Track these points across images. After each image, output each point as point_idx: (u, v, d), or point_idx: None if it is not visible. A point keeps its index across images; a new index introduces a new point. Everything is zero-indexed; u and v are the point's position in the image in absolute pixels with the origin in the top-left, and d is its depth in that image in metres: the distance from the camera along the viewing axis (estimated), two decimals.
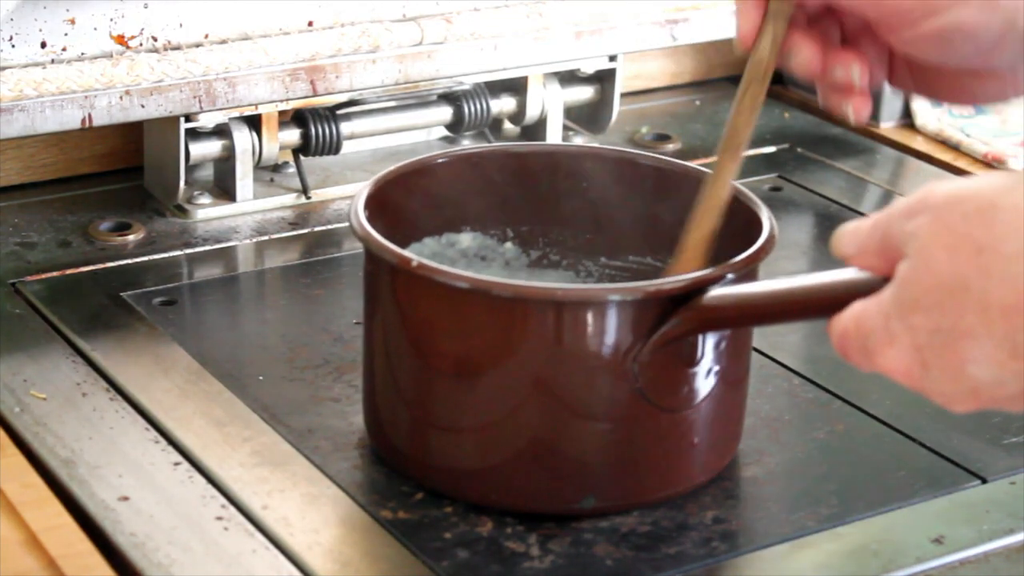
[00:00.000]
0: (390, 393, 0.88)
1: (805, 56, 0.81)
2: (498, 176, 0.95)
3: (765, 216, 0.88)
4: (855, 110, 0.82)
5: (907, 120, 1.40)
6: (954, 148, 1.35)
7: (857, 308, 0.71)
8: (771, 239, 0.86)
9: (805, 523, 0.87)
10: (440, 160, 0.94)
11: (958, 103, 0.86)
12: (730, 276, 0.83)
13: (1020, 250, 0.64)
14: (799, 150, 1.35)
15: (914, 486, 0.91)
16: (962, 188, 0.67)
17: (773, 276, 1.13)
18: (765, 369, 1.01)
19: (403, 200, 0.92)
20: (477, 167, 0.94)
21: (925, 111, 1.38)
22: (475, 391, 0.84)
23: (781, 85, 1.47)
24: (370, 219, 0.86)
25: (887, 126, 1.39)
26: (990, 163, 1.32)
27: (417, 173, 0.93)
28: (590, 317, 0.82)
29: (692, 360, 0.85)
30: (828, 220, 1.24)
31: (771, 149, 1.35)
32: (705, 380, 0.86)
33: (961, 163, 1.33)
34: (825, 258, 1.19)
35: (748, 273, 0.85)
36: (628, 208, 0.95)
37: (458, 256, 0.95)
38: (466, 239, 0.95)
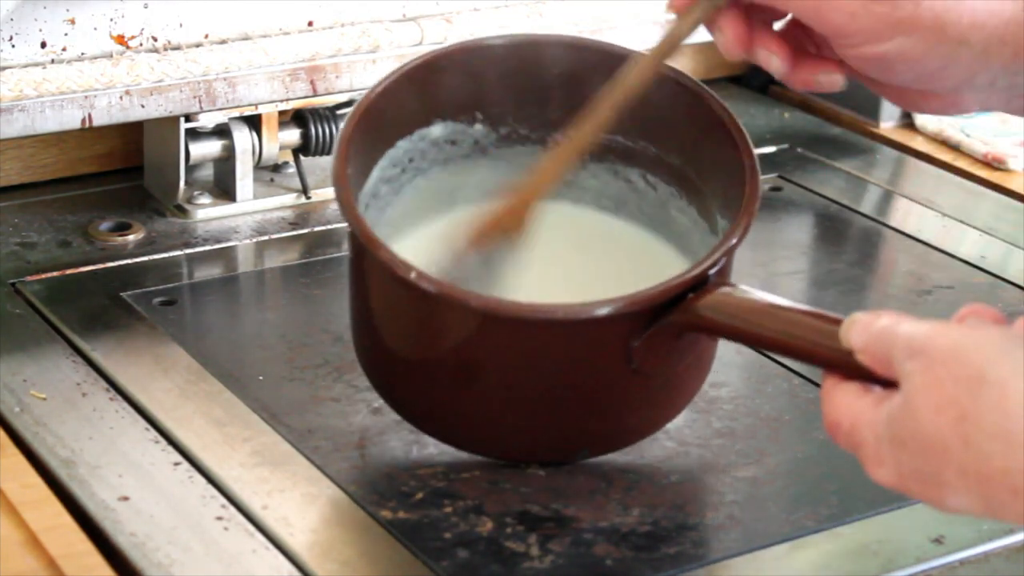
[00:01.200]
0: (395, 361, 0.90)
1: (729, 37, 0.83)
2: (469, 71, 0.94)
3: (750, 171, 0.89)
4: (824, 83, 0.84)
5: (907, 120, 1.40)
6: (954, 148, 1.35)
7: (854, 408, 0.72)
8: (745, 229, 0.86)
9: (805, 523, 0.87)
10: (413, 67, 0.93)
11: (901, 107, 0.87)
12: (712, 272, 0.84)
13: (998, 428, 0.65)
14: (799, 150, 1.35)
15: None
16: (961, 344, 0.67)
17: (774, 275, 1.15)
18: (765, 369, 1.01)
19: (383, 114, 0.92)
20: (449, 67, 0.94)
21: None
22: (471, 386, 0.86)
23: (781, 86, 1.47)
24: (352, 141, 0.87)
25: (887, 126, 1.39)
26: (990, 163, 1.32)
27: (392, 90, 0.92)
28: (588, 328, 0.83)
29: (683, 337, 0.86)
30: (828, 220, 1.24)
31: (771, 149, 1.35)
32: (689, 347, 0.87)
33: (961, 163, 1.33)
34: (825, 258, 1.19)
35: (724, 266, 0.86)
36: (594, 90, 0.95)
37: (429, 147, 0.94)
38: (436, 130, 0.94)
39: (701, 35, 1.33)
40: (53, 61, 1.12)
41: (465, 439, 0.90)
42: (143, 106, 1.13)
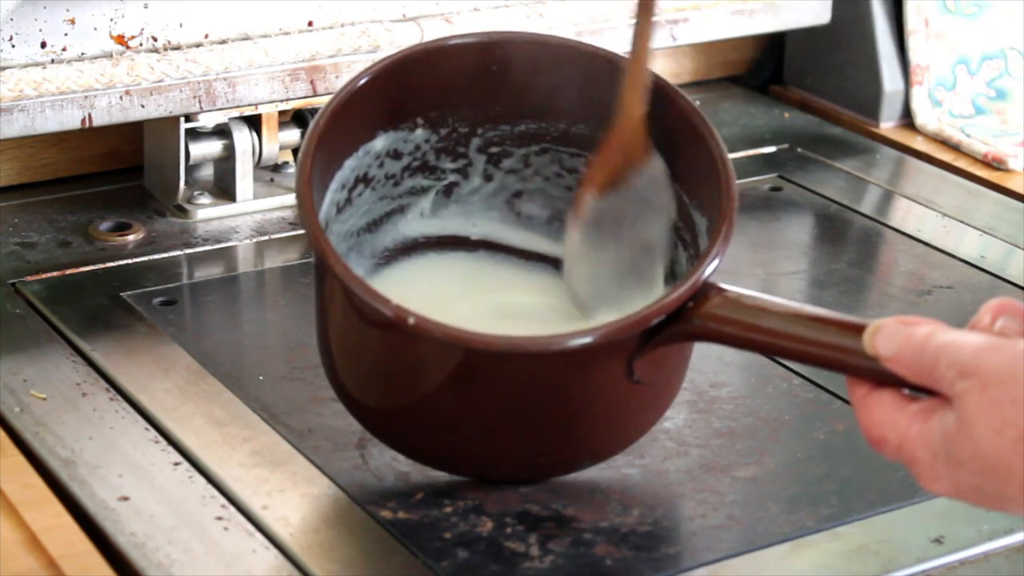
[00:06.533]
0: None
1: None
2: (407, 80, 0.93)
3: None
4: None
5: (907, 120, 1.40)
6: (954, 148, 1.35)
7: (898, 423, 0.71)
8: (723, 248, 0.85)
9: (805, 523, 0.87)
10: (355, 88, 0.91)
11: None
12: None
13: None
14: (799, 150, 1.35)
15: (914, 486, 0.90)
16: (1015, 364, 0.67)
17: (774, 275, 1.15)
18: (765, 369, 1.01)
19: (334, 139, 0.90)
20: (389, 80, 0.93)
21: (925, 111, 1.38)
22: (472, 421, 0.85)
23: (781, 85, 1.47)
24: (312, 179, 0.86)
25: (887, 126, 1.39)
26: (990, 163, 1.32)
27: (341, 111, 0.90)
28: (590, 354, 0.82)
29: (679, 352, 0.87)
30: (828, 220, 1.24)
31: (771, 149, 1.35)
32: (684, 348, 0.87)
33: (961, 163, 1.33)
34: (825, 258, 1.19)
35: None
36: (530, 81, 0.94)
37: (372, 161, 0.94)
38: (379, 143, 0.94)
39: (703, 36, 1.33)
40: (53, 61, 1.12)
41: (465, 468, 0.89)
42: (143, 106, 1.13)
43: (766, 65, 1.48)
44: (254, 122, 1.19)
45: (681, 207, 0.91)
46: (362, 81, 0.90)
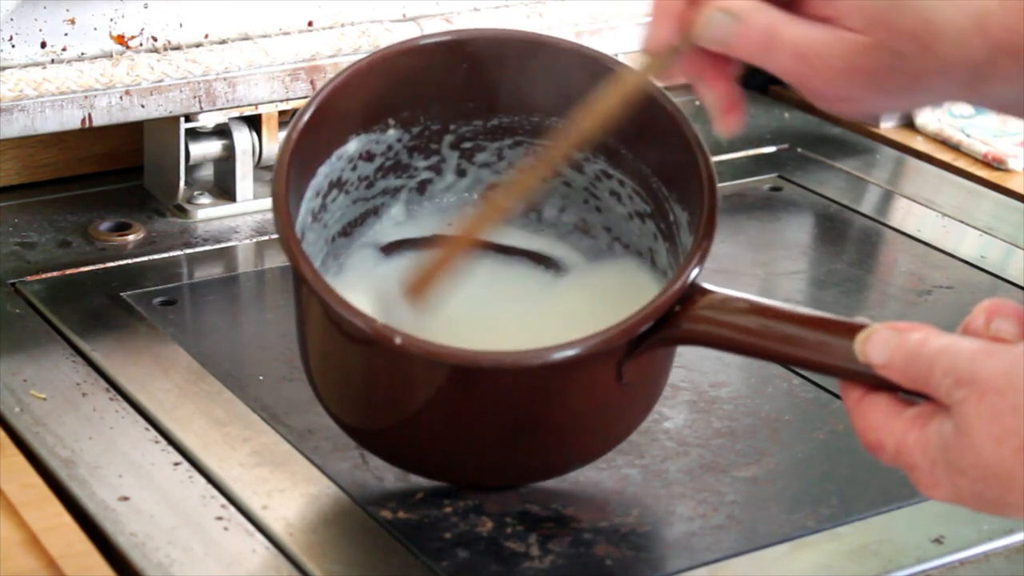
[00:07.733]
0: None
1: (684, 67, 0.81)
2: (378, 83, 0.92)
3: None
4: (725, 127, 0.82)
5: (907, 120, 1.40)
6: (954, 148, 1.35)
7: (895, 429, 0.71)
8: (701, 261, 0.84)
9: (805, 523, 0.87)
10: (325, 96, 0.90)
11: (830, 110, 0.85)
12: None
13: None
14: (799, 150, 1.35)
15: (914, 486, 0.91)
16: (1013, 371, 0.66)
17: (774, 275, 1.15)
18: (765, 369, 1.01)
19: (311, 151, 0.90)
20: (360, 85, 0.91)
21: (925, 111, 1.38)
22: (462, 433, 0.85)
23: (781, 86, 1.47)
24: (289, 192, 0.86)
25: (887, 126, 1.39)
26: (990, 163, 1.32)
27: (313, 122, 0.89)
28: (578, 364, 0.82)
29: (667, 350, 0.86)
30: (828, 220, 1.24)
31: (771, 149, 1.35)
32: (666, 353, 0.86)
33: (961, 163, 1.33)
34: (825, 258, 1.19)
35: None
36: (501, 76, 0.93)
37: (345, 165, 0.92)
38: (351, 147, 0.93)
39: None
40: (53, 61, 1.12)
41: (454, 476, 0.88)
42: (143, 106, 1.13)
43: None
44: (254, 122, 1.19)
45: (658, 200, 0.91)
46: (330, 88, 0.89)
